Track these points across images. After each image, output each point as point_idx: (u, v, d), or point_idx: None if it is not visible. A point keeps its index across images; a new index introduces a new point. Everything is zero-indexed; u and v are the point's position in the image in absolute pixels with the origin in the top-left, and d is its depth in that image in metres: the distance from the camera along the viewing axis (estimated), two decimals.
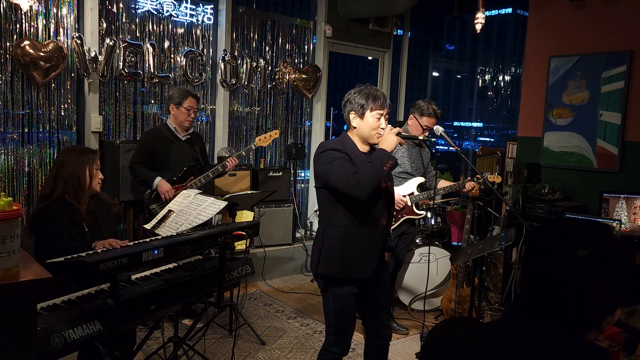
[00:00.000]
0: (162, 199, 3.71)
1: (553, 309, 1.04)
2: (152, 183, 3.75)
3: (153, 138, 3.86)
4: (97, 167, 2.72)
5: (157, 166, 3.81)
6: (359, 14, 5.78)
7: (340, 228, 2.41)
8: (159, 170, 3.80)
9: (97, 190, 2.72)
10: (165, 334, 3.33)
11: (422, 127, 3.64)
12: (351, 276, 2.42)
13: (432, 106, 3.64)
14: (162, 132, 3.87)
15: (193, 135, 3.99)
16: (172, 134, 3.87)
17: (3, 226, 1.37)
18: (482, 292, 3.94)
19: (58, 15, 4.09)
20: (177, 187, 3.75)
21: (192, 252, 2.36)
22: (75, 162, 2.63)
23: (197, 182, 3.86)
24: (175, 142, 3.86)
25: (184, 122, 3.85)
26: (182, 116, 3.82)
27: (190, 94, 3.88)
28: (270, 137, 4.24)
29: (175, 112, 3.84)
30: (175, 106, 3.83)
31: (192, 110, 3.84)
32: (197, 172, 3.90)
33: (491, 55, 37.80)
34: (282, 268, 5.18)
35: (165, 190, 3.72)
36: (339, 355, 2.53)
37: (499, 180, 3.64)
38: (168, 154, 3.83)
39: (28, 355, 1.38)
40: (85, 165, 2.64)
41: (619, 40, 4.39)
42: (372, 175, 2.28)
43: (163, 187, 3.72)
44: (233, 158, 4.01)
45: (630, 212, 3.99)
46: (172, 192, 3.70)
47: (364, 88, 2.46)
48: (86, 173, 2.64)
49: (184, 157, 3.87)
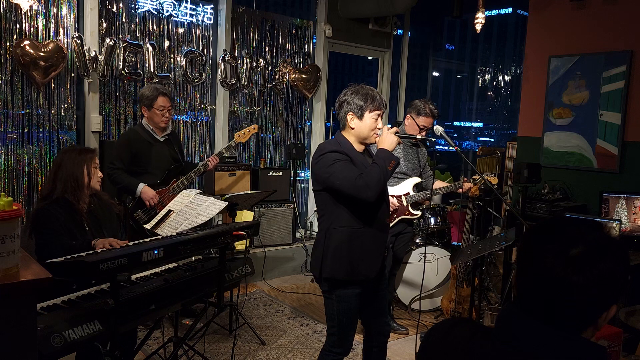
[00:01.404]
0: (147, 205, 3.59)
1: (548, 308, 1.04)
2: (134, 190, 3.57)
3: (132, 141, 3.65)
4: (96, 166, 2.72)
5: (137, 170, 3.63)
6: (359, 14, 5.78)
7: (345, 230, 2.40)
8: (140, 175, 3.63)
9: (97, 188, 2.72)
10: (165, 334, 3.33)
11: (419, 127, 3.63)
12: (358, 277, 2.42)
13: (429, 106, 3.64)
14: (139, 134, 3.68)
15: (171, 135, 3.83)
16: (150, 135, 3.69)
17: (3, 226, 1.37)
18: (482, 292, 3.94)
19: (58, 15, 4.09)
20: (161, 191, 3.66)
21: (192, 252, 2.35)
22: (73, 162, 2.63)
23: (179, 184, 3.73)
24: (155, 144, 3.70)
25: (160, 123, 3.68)
26: (157, 117, 3.65)
27: (160, 92, 3.66)
28: (249, 132, 4.05)
29: (148, 114, 3.66)
30: (146, 108, 3.65)
31: (165, 109, 3.65)
32: (179, 174, 3.78)
33: (491, 55, 37.83)
34: (282, 268, 5.18)
35: (149, 197, 3.57)
36: (341, 355, 2.53)
37: (496, 182, 3.63)
38: (148, 157, 3.66)
39: (28, 355, 1.38)
40: (82, 165, 2.64)
41: (619, 40, 4.39)
42: (378, 176, 2.28)
43: (147, 194, 3.57)
44: (214, 157, 3.90)
45: (630, 212, 3.99)
46: (157, 198, 3.61)
47: (360, 88, 2.44)
48: (84, 172, 2.64)
49: (165, 159, 3.73)
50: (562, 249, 1.02)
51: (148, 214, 3.60)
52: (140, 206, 3.61)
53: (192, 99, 4.94)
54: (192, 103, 4.95)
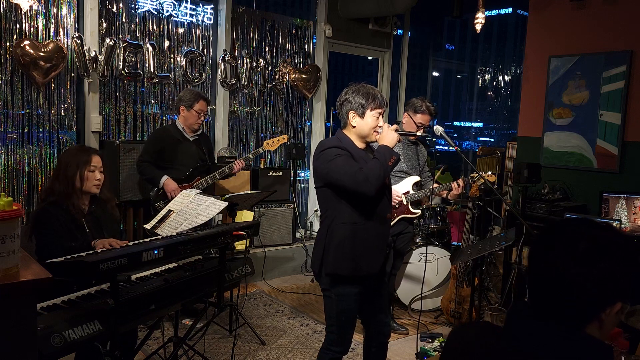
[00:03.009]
0: (168, 197, 3.72)
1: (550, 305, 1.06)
2: (158, 181, 3.78)
3: (161, 137, 3.90)
4: (92, 169, 2.64)
5: (164, 165, 3.85)
6: (359, 14, 5.78)
7: (347, 225, 2.41)
8: (166, 169, 3.83)
9: (92, 192, 2.66)
10: (165, 334, 3.33)
11: (416, 125, 3.64)
12: (361, 272, 2.42)
13: (426, 103, 3.65)
14: (170, 131, 3.92)
15: (201, 136, 4.03)
16: (181, 134, 3.91)
17: (3, 226, 1.37)
18: (482, 292, 3.94)
19: (58, 15, 4.09)
20: (184, 186, 3.77)
21: (192, 252, 2.36)
22: (69, 164, 2.60)
23: (203, 182, 3.91)
24: (183, 142, 3.90)
25: (194, 125, 3.91)
26: (192, 119, 3.88)
27: (202, 97, 3.92)
28: (279, 142, 4.35)
29: (185, 114, 3.89)
30: (186, 108, 3.88)
31: (202, 113, 3.90)
32: (203, 173, 3.97)
33: (491, 55, 37.83)
34: (282, 268, 5.18)
35: (172, 189, 3.75)
36: (340, 354, 2.54)
37: (494, 179, 3.63)
38: (175, 153, 3.87)
39: (28, 355, 1.38)
40: (75, 169, 2.59)
41: (619, 40, 4.39)
42: (378, 170, 2.30)
43: (170, 186, 3.76)
44: (240, 160, 4.09)
45: (630, 212, 3.99)
46: (179, 190, 3.68)
47: (361, 87, 2.46)
48: (77, 176, 2.59)
49: (191, 157, 3.92)
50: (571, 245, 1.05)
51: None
52: (162, 197, 3.80)
53: None
54: None
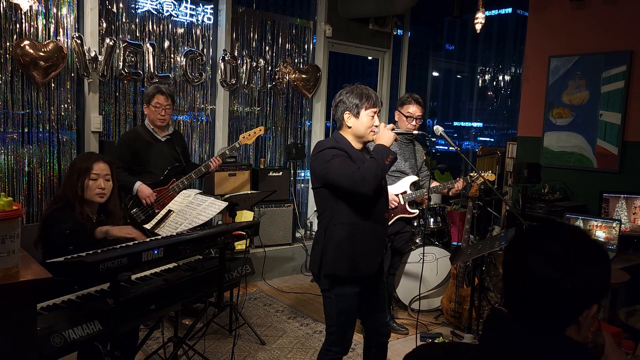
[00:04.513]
0: (143, 204, 3.64)
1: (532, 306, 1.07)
2: (132, 188, 3.63)
3: (132, 140, 3.73)
4: (94, 177, 2.60)
5: (137, 169, 3.70)
6: (359, 14, 5.78)
7: (345, 225, 2.41)
8: (140, 174, 3.69)
9: (96, 201, 2.62)
10: (165, 334, 3.33)
11: (405, 117, 3.64)
12: (359, 273, 2.43)
13: (413, 95, 3.68)
14: (139, 133, 3.76)
15: (173, 134, 3.88)
16: (151, 135, 3.75)
17: (3, 226, 1.37)
18: (482, 292, 3.94)
19: (58, 15, 4.09)
20: (160, 190, 3.69)
21: (192, 252, 2.36)
22: (73, 172, 2.61)
23: (179, 183, 3.76)
24: (155, 144, 3.75)
25: (156, 121, 3.73)
26: (152, 114, 3.72)
27: (159, 90, 3.73)
28: (255, 134, 4.11)
29: (147, 111, 3.75)
30: (146, 105, 3.74)
31: (161, 107, 3.70)
32: (179, 174, 3.81)
33: (491, 55, 37.78)
34: (282, 268, 5.18)
35: (146, 195, 3.62)
36: (340, 354, 2.54)
37: (493, 178, 3.63)
38: (148, 156, 3.71)
39: (28, 355, 1.38)
40: (77, 176, 2.58)
41: (619, 40, 4.39)
42: (376, 170, 2.30)
43: (144, 192, 3.63)
44: (216, 158, 3.93)
45: (630, 212, 3.99)
46: (154, 196, 3.64)
47: (354, 88, 2.48)
48: (77, 185, 2.57)
49: (165, 159, 3.77)
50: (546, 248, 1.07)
51: (145, 212, 3.65)
52: (137, 204, 3.66)
53: (192, 99, 4.94)
54: (192, 103, 4.95)
